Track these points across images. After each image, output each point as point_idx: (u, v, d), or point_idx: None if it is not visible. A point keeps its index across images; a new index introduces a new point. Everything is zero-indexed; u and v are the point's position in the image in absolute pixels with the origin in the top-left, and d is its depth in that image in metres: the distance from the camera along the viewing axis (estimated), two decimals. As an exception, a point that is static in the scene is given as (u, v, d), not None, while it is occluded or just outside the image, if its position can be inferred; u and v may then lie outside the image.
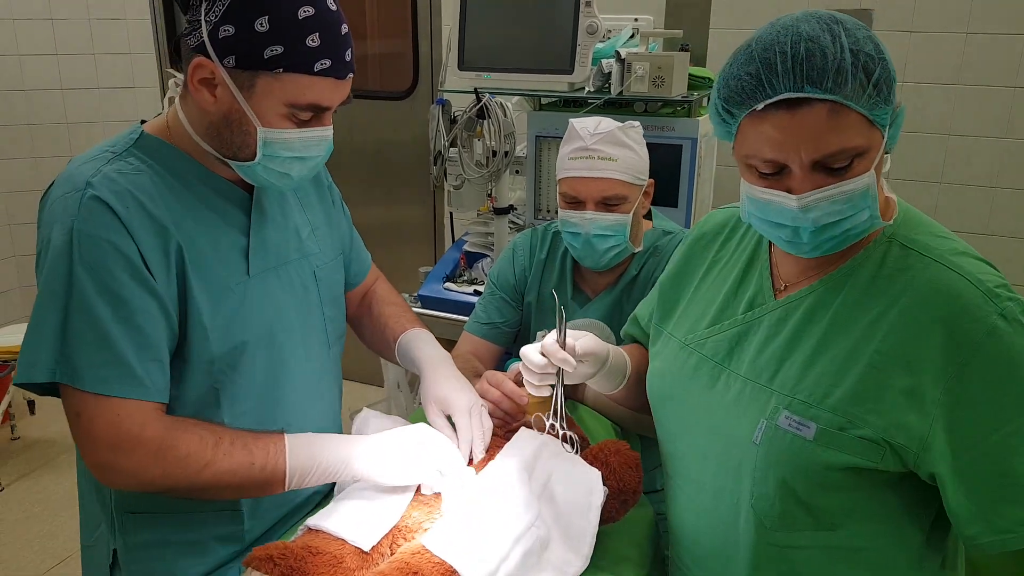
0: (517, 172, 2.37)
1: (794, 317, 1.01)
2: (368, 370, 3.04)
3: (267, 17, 1.03)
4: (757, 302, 1.07)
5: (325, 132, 1.14)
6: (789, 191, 0.92)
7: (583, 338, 1.19)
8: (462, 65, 2.26)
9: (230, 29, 1.03)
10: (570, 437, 1.26)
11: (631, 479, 1.20)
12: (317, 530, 1.09)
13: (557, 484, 1.19)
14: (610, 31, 2.28)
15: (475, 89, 2.10)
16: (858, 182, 0.91)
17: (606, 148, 1.56)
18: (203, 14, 1.05)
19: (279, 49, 1.04)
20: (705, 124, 2.14)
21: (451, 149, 2.21)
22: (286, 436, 1.14)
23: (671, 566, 1.24)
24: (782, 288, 1.06)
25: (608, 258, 1.62)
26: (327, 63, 1.06)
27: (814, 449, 0.96)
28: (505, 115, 2.10)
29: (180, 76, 1.14)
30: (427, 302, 2.37)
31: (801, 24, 0.90)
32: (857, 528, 1.00)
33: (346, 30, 1.10)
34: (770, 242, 1.08)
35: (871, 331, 0.95)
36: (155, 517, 1.21)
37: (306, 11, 1.04)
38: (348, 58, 1.10)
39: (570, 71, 2.13)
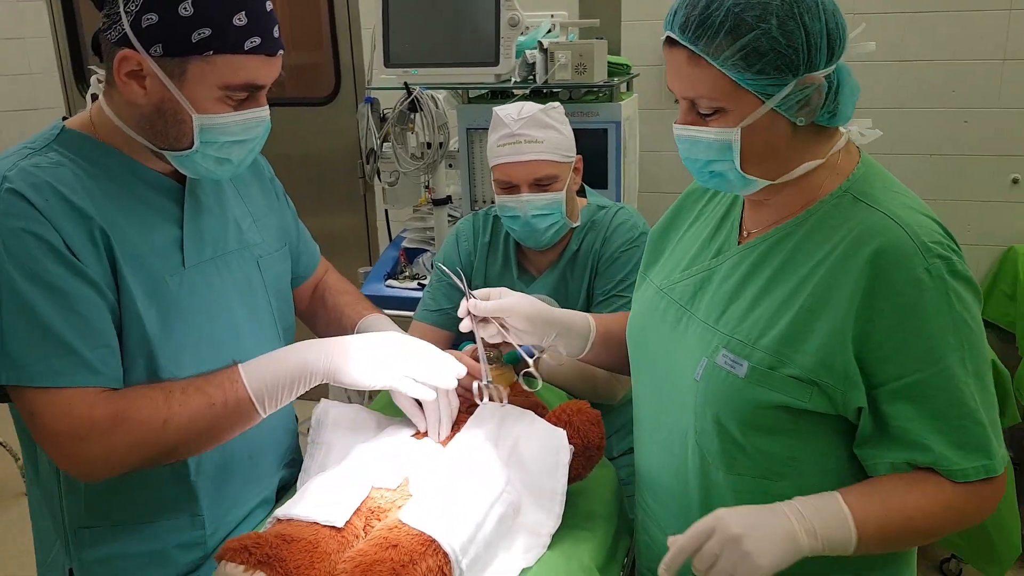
0: (451, 166, 2.43)
1: (747, 263, 1.08)
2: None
3: (190, 1, 1.01)
4: (723, 249, 1.13)
5: (262, 112, 1.13)
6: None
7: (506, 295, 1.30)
8: (388, 62, 2.30)
9: (153, 17, 1.02)
10: (494, 388, 1.33)
11: (594, 435, 1.26)
12: (287, 519, 1.08)
13: (524, 449, 1.24)
14: (528, 27, 2.37)
15: (405, 83, 2.15)
16: (717, 134, 0.98)
17: (531, 131, 1.64)
18: (122, 6, 1.02)
19: (207, 32, 1.02)
20: (627, 108, 2.25)
21: (384, 145, 2.25)
22: (239, 365, 1.13)
23: (637, 508, 1.31)
24: (746, 236, 1.12)
25: (548, 236, 1.70)
26: (257, 40, 1.06)
27: (745, 387, 1.02)
28: (437, 106, 2.16)
29: (101, 72, 1.12)
30: (371, 301, 2.38)
31: None
32: (800, 481, 1.03)
33: (271, 7, 1.09)
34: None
35: (810, 276, 1.00)
36: (110, 531, 1.17)
37: None
38: (276, 34, 1.10)
39: (495, 63, 2.20)
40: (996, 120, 2.91)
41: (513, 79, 2.22)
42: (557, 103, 1.72)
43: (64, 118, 1.16)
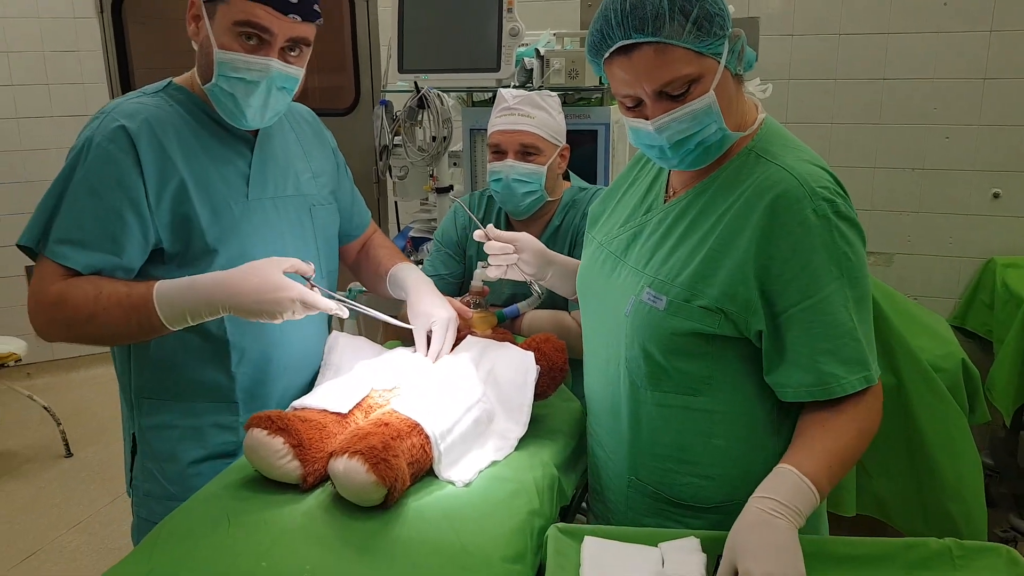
0: (455, 165, 2.65)
1: (670, 217, 1.23)
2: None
3: None
4: (652, 207, 1.31)
5: (268, 60, 1.31)
6: (646, 118, 1.13)
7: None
8: (401, 68, 2.54)
9: None
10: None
11: (558, 359, 1.47)
12: (302, 408, 1.32)
13: (499, 369, 1.45)
14: (527, 43, 2.60)
15: (415, 82, 2.39)
16: (699, 103, 1.10)
17: (525, 107, 1.87)
18: None
19: None
20: (616, 112, 2.47)
21: (395, 139, 2.49)
22: (155, 289, 1.29)
23: (587, 433, 1.49)
24: (671, 195, 1.30)
25: (527, 202, 1.91)
26: None
27: (665, 318, 1.18)
28: (442, 103, 2.39)
29: None
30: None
31: None
32: (716, 395, 1.20)
33: None
34: None
35: (717, 223, 1.15)
36: (163, 403, 1.43)
37: None
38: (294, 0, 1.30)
39: (497, 69, 2.43)
40: (977, 136, 3.08)
41: (512, 84, 2.45)
42: (553, 93, 1.94)
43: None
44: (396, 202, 2.86)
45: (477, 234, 1.55)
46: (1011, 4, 2.94)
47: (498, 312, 1.84)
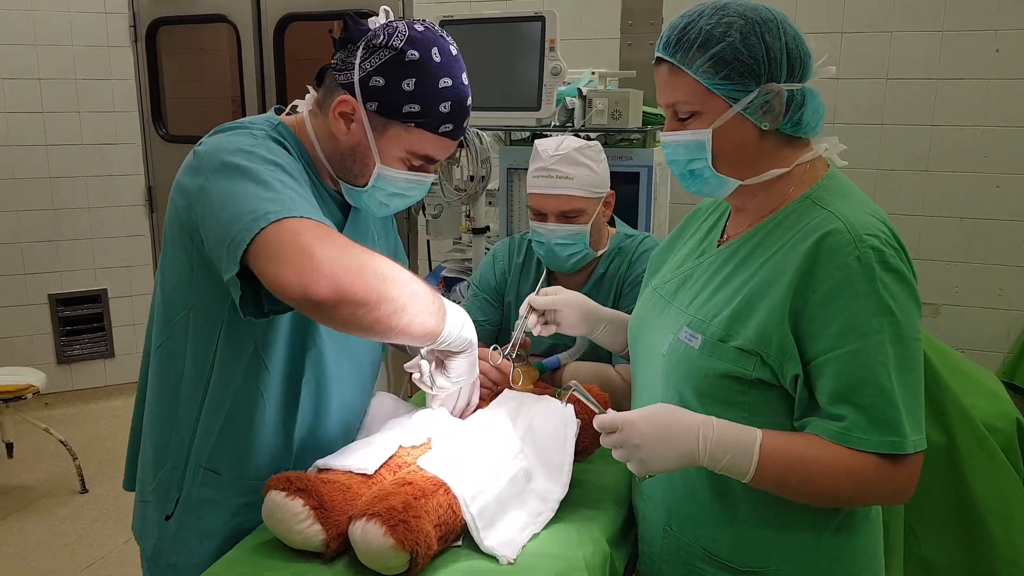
0: (491, 203, 2.58)
1: (719, 260, 1.22)
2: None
3: (414, 80, 1.21)
4: (706, 252, 1.28)
5: (428, 178, 1.32)
6: None
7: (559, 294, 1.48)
8: (439, 105, 2.49)
9: (380, 81, 1.21)
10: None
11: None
12: (326, 468, 1.24)
13: (537, 424, 1.36)
14: (569, 81, 2.54)
15: (453, 121, 2.32)
16: (691, 135, 1.13)
17: (563, 168, 1.78)
18: (358, 60, 1.22)
19: (416, 108, 1.22)
20: (659, 154, 2.39)
21: (431, 178, 2.42)
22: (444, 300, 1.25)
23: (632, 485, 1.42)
24: (725, 240, 1.27)
25: (571, 263, 1.83)
26: (450, 127, 1.26)
27: (699, 357, 1.14)
28: (481, 142, 2.32)
29: (315, 94, 1.32)
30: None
31: (697, 7, 1.14)
32: None
33: (470, 102, 1.29)
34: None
35: (763, 266, 1.13)
36: (221, 478, 1.29)
37: (445, 82, 1.23)
38: (466, 124, 1.30)
39: (537, 108, 2.37)
40: (1028, 186, 2.97)
41: (553, 123, 2.38)
42: (595, 142, 1.85)
43: (277, 110, 1.35)
44: (428, 240, 2.78)
45: (523, 309, 1.48)
46: (1066, 51, 2.85)
47: (537, 363, 1.75)
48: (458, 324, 1.25)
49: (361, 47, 1.22)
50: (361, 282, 1.06)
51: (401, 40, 1.21)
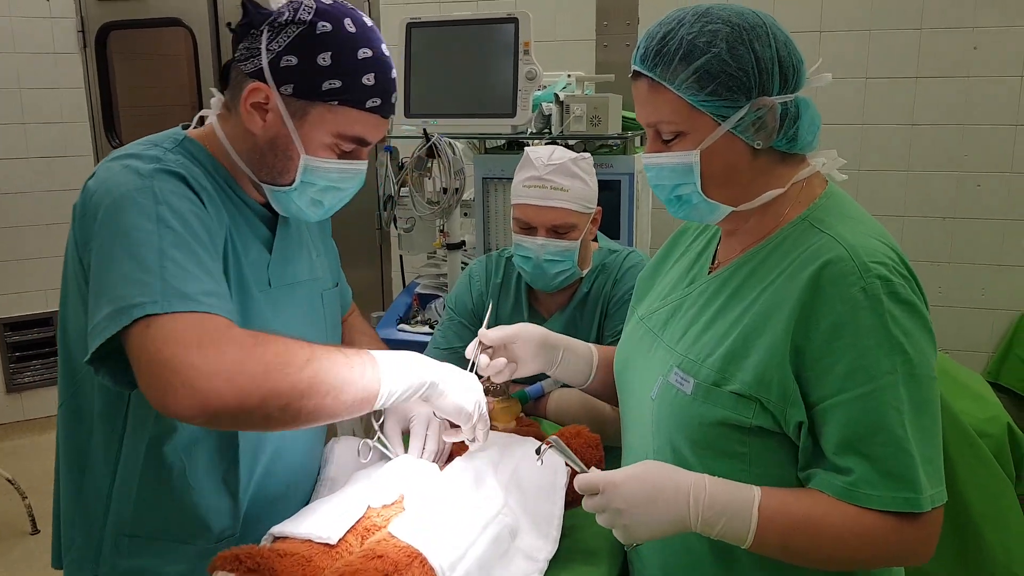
0: (466, 215, 2.46)
1: (711, 290, 1.11)
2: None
3: (330, 53, 1.09)
4: (696, 279, 1.16)
5: (361, 165, 1.20)
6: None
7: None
8: (408, 113, 2.36)
9: (292, 60, 1.09)
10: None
11: (591, 457, 1.25)
12: (283, 536, 1.10)
13: (523, 472, 1.24)
14: (545, 85, 2.43)
15: (424, 129, 2.20)
16: (677, 157, 1.02)
17: (558, 179, 1.66)
18: (264, 43, 1.10)
19: (338, 83, 1.10)
20: (640, 161, 2.29)
21: (401, 190, 2.29)
22: (374, 356, 1.10)
23: None
24: (716, 266, 1.15)
25: (558, 281, 1.71)
26: (377, 101, 1.14)
27: (691, 403, 1.03)
28: (454, 152, 2.20)
29: (221, 96, 1.20)
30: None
31: (675, 12, 1.03)
32: None
33: (395, 75, 1.18)
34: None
35: (758, 297, 1.02)
36: (150, 544, 1.17)
37: (364, 52, 1.12)
38: (394, 100, 1.18)
39: (512, 114, 2.25)
40: (1009, 184, 2.93)
41: (529, 130, 2.27)
42: (588, 154, 1.75)
43: (184, 126, 1.22)
44: (401, 255, 2.65)
45: (469, 351, 1.31)
46: (1045, 48, 2.81)
47: (519, 392, 1.63)
48: (401, 372, 1.11)
49: (265, 30, 1.11)
50: (232, 390, 0.93)
51: (309, 13, 1.10)
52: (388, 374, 1.08)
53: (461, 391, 1.21)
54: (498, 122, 2.28)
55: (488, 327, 1.33)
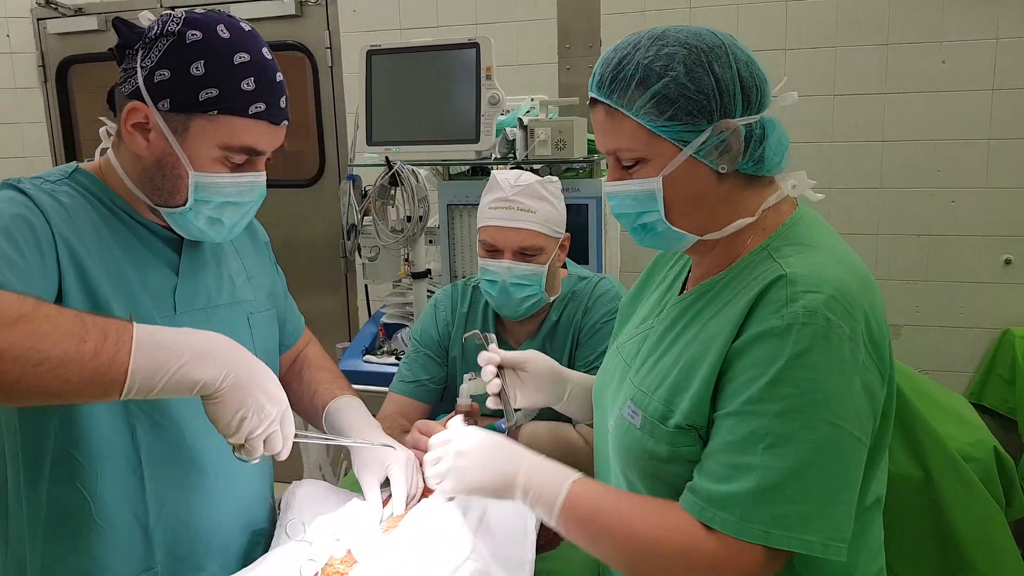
0: (431, 242, 2.40)
1: (669, 318, 1.07)
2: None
3: (203, 61, 1.05)
4: (665, 307, 1.12)
5: (258, 177, 1.14)
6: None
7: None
8: (370, 140, 2.30)
9: (166, 73, 1.05)
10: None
11: None
12: None
13: (493, 515, 1.18)
14: (509, 110, 2.39)
15: (386, 158, 2.14)
16: (639, 184, 0.98)
17: (526, 200, 1.61)
18: (139, 61, 1.07)
19: (214, 92, 1.06)
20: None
21: (365, 219, 2.23)
22: (135, 325, 0.91)
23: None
24: (682, 294, 1.11)
25: (524, 307, 1.65)
26: (261, 107, 1.09)
27: (640, 437, 1.00)
28: (417, 180, 2.14)
29: (112, 124, 1.15)
30: (348, 376, 2.31)
31: (630, 36, 0.99)
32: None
33: (280, 78, 1.13)
34: None
35: (703, 329, 0.99)
36: (60, 564, 1.10)
37: (241, 57, 1.07)
38: (283, 104, 1.13)
39: (476, 140, 2.20)
40: (984, 200, 2.91)
41: (493, 155, 2.22)
42: (555, 178, 1.70)
43: (78, 163, 1.18)
44: (366, 285, 2.58)
45: (482, 357, 1.29)
46: (1013, 62, 2.80)
47: (488, 427, 1.56)
48: (166, 361, 0.89)
49: (140, 48, 1.07)
50: None
51: (178, 23, 1.07)
52: (144, 359, 0.88)
53: (241, 401, 0.96)
54: (462, 148, 2.23)
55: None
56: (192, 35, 1.06)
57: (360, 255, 2.38)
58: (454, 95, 2.23)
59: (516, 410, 1.35)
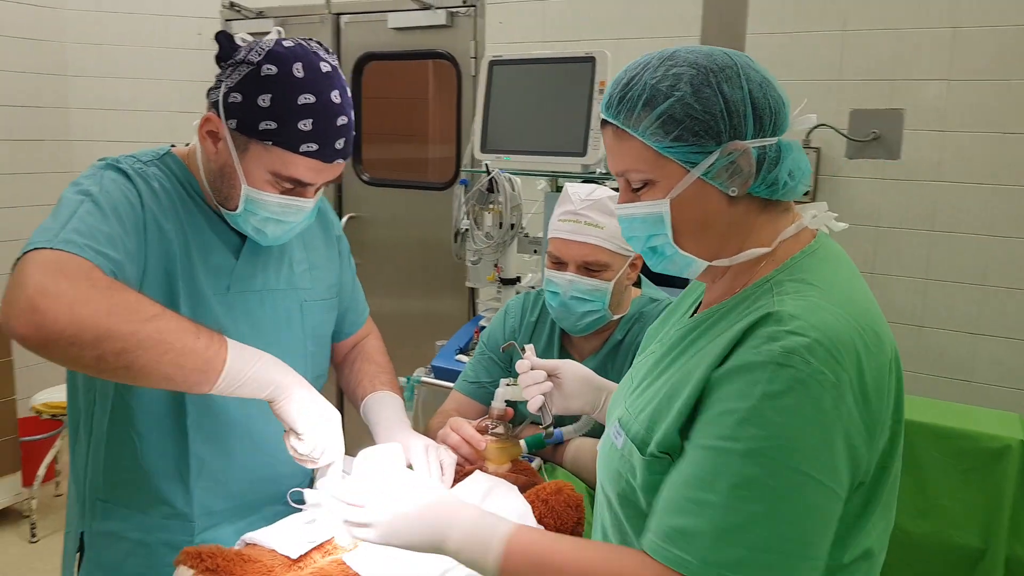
0: (536, 252, 2.44)
1: (668, 343, 1.04)
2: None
3: (270, 96, 1.15)
4: (673, 330, 1.09)
5: (304, 203, 1.24)
6: None
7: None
8: (484, 148, 2.38)
9: (238, 97, 1.16)
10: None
11: (569, 518, 1.20)
12: (253, 543, 1.15)
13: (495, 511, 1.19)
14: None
15: (485, 165, 2.21)
16: (645, 207, 0.96)
17: (594, 215, 1.60)
18: (224, 77, 1.19)
19: (273, 125, 1.16)
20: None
21: (464, 222, 2.31)
22: (228, 340, 1.13)
23: None
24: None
25: (585, 323, 1.64)
26: (313, 147, 1.18)
27: (619, 458, 0.99)
28: (513, 188, 2.19)
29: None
30: (439, 372, 2.41)
31: (642, 57, 0.97)
32: None
33: (344, 121, 1.20)
34: None
35: (691, 358, 0.96)
36: (116, 509, 1.28)
37: (306, 98, 1.16)
38: (339, 145, 1.21)
39: (583, 153, 2.22)
40: None
41: (599, 170, 2.23)
42: None
43: (172, 146, 1.34)
44: (472, 288, 2.67)
45: (520, 364, 1.34)
46: None
47: (534, 436, 1.57)
48: (250, 364, 1.12)
49: (229, 65, 1.19)
50: (71, 316, 0.98)
51: (259, 55, 1.17)
52: (236, 359, 1.10)
53: (308, 406, 1.18)
54: (569, 160, 2.26)
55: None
56: (267, 69, 1.15)
57: (466, 258, 2.46)
58: (566, 108, 2.27)
59: (553, 416, 1.37)
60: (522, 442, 1.51)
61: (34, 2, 3.85)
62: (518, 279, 2.35)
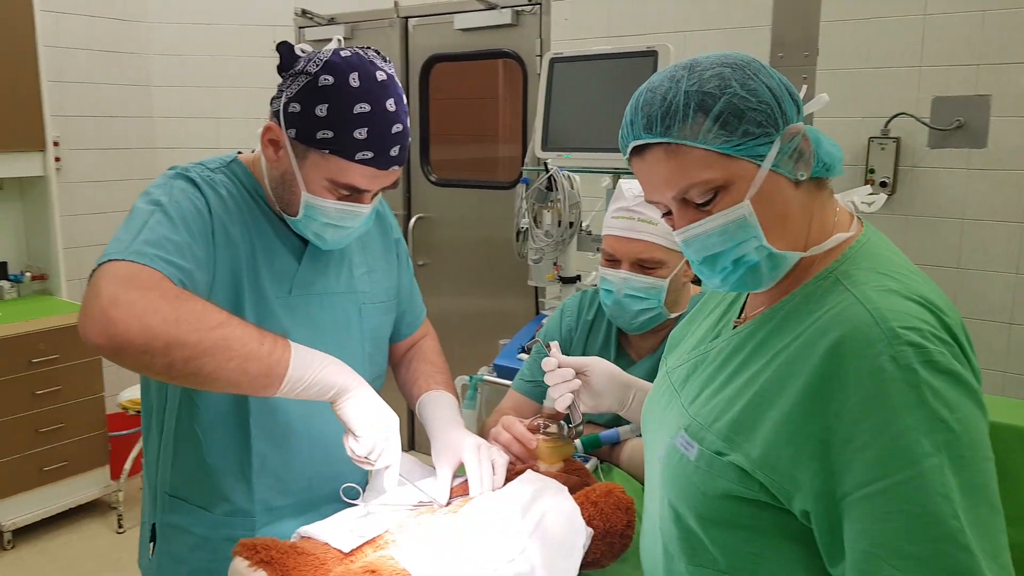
0: (598, 250, 2.41)
1: (729, 347, 1.00)
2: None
3: (327, 106, 1.17)
4: (721, 333, 1.06)
5: (361, 208, 1.26)
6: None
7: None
8: (545, 145, 2.37)
9: (297, 107, 1.19)
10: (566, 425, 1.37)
11: (618, 521, 1.18)
12: (307, 536, 1.17)
13: (549, 523, 1.19)
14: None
15: (544, 163, 2.19)
16: (727, 215, 0.91)
17: (648, 212, 1.57)
18: (285, 87, 1.22)
19: (329, 134, 1.18)
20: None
21: (524, 221, 2.30)
22: (292, 343, 1.15)
23: None
24: (742, 320, 1.05)
25: (640, 321, 1.61)
26: (369, 155, 1.20)
27: (695, 471, 0.94)
28: (571, 186, 2.17)
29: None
30: (501, 371, 2.41)
31: (656, 76, 0.94)
32: None
33: (399, 128, 1.22)
34: None
35: (771, 362, 0.91)
36: (182, 504, 1.34)
37: (362, 107, 1.18)
38: (394, 153, 1.22)
39: (644, 149, 2.17)
40: None
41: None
42: None
43: (239, 152, 1.39)
44: (536, 287, 2.66)
45: (546, 363, 1.33)
46: None
47: (591, 436, 1.55)
48: (313, 367, 1.15)
49: (289, 75, 1.22)
50: (141, 326, 1.02)
51: (316, 66, 1.19)
52: (299, 363, 1.13)
53: (368, 409, 1.20)
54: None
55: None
56: (324, 79, 1.17)
57: (528, 257, 2.45)
58: (627, 103, 2.22)
59: (583, 415, 1.37)
60: (576, 442, 1.49)
61: (121, 16, 4.04)
62: (578, 277, 2.33)
